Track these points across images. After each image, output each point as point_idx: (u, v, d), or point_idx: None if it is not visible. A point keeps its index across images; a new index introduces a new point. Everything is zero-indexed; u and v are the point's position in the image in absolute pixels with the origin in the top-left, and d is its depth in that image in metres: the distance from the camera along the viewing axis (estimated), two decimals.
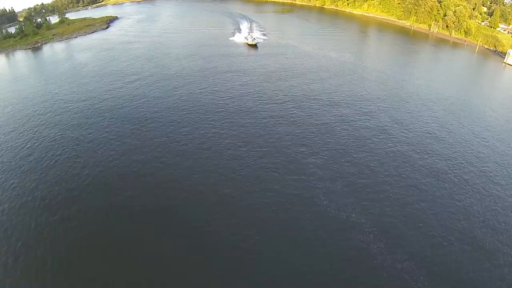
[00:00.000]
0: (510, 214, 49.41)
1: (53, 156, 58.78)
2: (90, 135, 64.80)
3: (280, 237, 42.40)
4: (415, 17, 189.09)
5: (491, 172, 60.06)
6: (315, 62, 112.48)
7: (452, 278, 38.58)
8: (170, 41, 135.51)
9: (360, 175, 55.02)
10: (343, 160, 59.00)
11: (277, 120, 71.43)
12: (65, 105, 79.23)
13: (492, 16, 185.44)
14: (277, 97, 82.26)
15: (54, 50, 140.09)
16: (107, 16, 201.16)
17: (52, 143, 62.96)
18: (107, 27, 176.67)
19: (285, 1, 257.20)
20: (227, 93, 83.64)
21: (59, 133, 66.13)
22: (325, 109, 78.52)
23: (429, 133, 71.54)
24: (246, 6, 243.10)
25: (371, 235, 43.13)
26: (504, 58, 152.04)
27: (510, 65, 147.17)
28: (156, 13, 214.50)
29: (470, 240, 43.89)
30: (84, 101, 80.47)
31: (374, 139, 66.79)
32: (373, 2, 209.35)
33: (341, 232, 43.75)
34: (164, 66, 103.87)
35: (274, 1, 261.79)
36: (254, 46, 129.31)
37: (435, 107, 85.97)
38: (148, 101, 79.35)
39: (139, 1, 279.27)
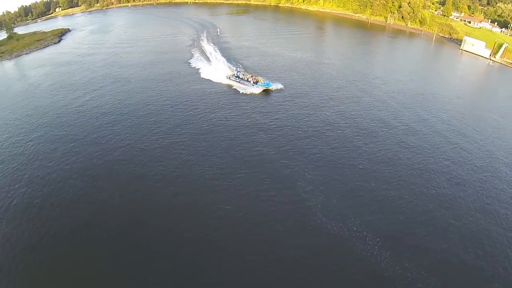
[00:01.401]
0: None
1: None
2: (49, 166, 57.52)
3: None
4: (371, 10, 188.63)
5: (469, 161, 60.59)
6: (281, 62, 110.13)
7: None
8: (127, 53, 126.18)
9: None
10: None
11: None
12: (20, 131, 70.39)
13: (445, 5, 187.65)
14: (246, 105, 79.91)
15: (3, 69, 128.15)
16: (58, 29, 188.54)
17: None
18: (59, 41, 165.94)
19: (239, 2, 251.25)
20: (193, 103, 79.70)
21: (16, 167, 57.77)
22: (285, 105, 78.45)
23: (395, 123, 72.65)
24: (200, 10, 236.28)
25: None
26: (461, 45, 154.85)
27: (467, 51, 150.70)
28: (109, 23, 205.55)
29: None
30: (42, 126, 72.01)
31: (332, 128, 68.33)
32: None
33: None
34: (123, 79, 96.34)
35: (228, 3, 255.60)
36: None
37: (399, 97, 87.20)
38: (111, 117, 73.22)
39: (90, 11, 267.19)
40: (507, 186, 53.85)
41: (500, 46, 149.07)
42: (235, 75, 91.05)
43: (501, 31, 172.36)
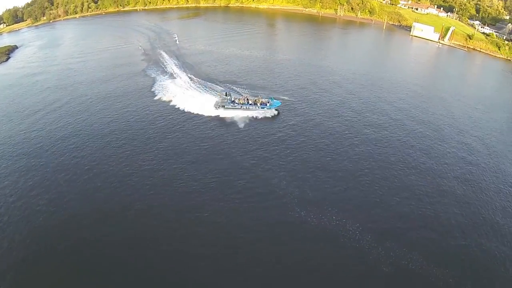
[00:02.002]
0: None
1: None
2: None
3: None
4: (320, 3, 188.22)
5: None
6: (238, 63, 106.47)
7: None
8: (80, 67, 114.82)
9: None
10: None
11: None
12: None
13: None
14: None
15: None
16: (5, 46, 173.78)
17: None
18: (7, 59, 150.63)
19: (189, 6, 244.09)
20: (157, 115, 73.65)
21: None
22: None
23: (352, 111, 74.73)
24: (150, 16, 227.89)
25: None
26: (410, 31, 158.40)
27: (416, 36, 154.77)
28: (59, 37, 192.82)
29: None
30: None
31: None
32: None
33: None
34: (79, 96, 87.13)
35: (178, 7, 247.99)
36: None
37: (350, 86, 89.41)
38: (69, 137, 66.32)
39: (37, 26, 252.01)
40: (456, 150, 62.59)
41: (447, 29, 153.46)
42: (230, 101, 72.36)
43: (447, 15, 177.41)
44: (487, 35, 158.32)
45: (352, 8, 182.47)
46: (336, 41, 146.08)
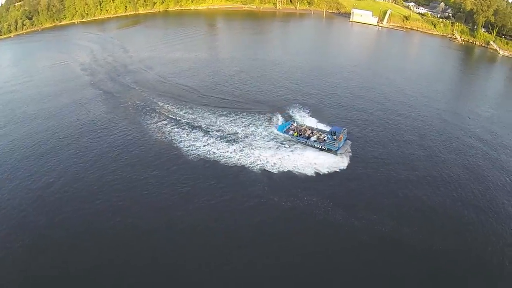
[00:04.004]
0: None
1: None
2: None
3: None
4: None
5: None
6: (185, 66, 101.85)
7: None
8: (23, 88, 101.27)
9: None
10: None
11: None
12: None
13: None
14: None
15: None
16: None
17: None
18: None
19: (128, 14, 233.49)
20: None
21: None
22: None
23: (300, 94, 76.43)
24: (89, 28, 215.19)
25: None
26: (350, 17, 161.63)
27: (356, 22, 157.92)
28: None
29: None
30: None
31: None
32: None
33: None
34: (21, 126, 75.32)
35: (117, 16, 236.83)
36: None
37: (305, 73, 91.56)
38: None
39: None
40: (411, 121, 68.44)
41: (385, 13, 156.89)
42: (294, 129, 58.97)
43: None
44: (423, 15, 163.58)
45: (290, 1, 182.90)
46: (278, 34, 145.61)
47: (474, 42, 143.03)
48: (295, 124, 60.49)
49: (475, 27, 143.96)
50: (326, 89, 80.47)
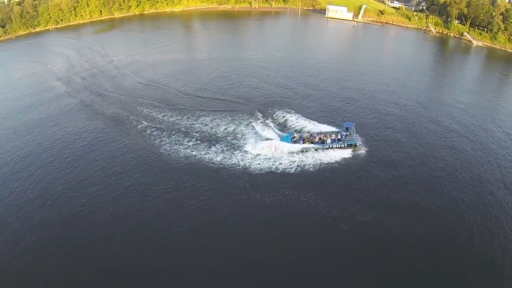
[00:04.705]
0: None
1: None
2: None
3: None
4: None
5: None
6: (164, 68, 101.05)
7: None
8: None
9: None
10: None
11: None
12: None
13: None
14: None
15: None
16: None
17: None
18: None
19: (103, 18, 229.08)
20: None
21: None
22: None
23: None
24: (65, 34, 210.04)
25: None
26: (325, 13, 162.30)
27: (332, 18, 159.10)
28: None
29: None
30: None
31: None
32: None
33: None
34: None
35: (92, 22, 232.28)
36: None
37: (284, 69, 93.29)
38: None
39: None
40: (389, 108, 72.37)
41: (360, 8, 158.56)
42: (299, 138, 56.82)
43: None
44: (397, 8, 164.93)
45: None
46: (254, 33, 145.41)
47: (448, 34, 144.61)
48: (295, 135, 57.65)
49: (449, 19, 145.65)
50: (304, 85, 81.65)
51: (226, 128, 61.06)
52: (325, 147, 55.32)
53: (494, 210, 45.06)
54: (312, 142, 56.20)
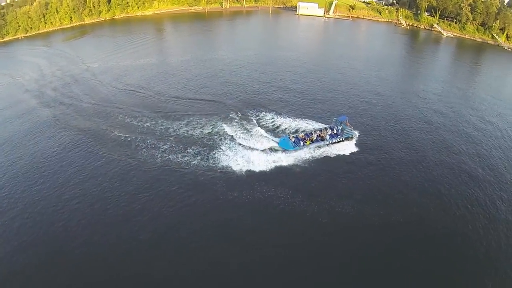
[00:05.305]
0: None
1: None
2: None
3: None
4: None
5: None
6: (137, 73, 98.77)
7: None
8: None
9: None
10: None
11: None
12: None
13: None
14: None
15: None
16: None
17: None
18: None
19: (74, 25, 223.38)
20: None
21: None
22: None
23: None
24: (34, 43, 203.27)
25: None
26: (296, 11, 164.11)
27: (302, 14, 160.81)
28: None
29: None
30: None
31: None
32: None
33: None
34: None
35: (62, 29, 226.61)
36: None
37: (256, 68, 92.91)
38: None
39: None
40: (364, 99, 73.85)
41: (330, 3, 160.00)
42: (297, 139, 55.44)
43: None
44: (368, 3, 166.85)
45: None
46: (226, 33, 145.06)
47: (419, 26, 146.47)
48: (292, 137, 56.00)
49: (419, 12, 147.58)
50: (279, 84, 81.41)
51: (202, 131, 60.06)
52: (326, 143, 55.33)
53: (473, 192, 47.20)
54: (312, 141, 55.45)
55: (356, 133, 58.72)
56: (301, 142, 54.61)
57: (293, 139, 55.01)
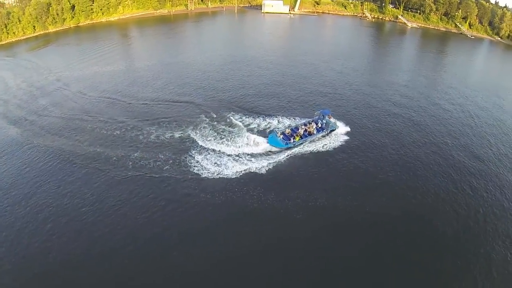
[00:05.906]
0: None
1: None
2: None
3: None
4: (170, 2, 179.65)
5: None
6: (103, 80, 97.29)
7: None
8: None
9: None
10: None
11: None
12: None
13: None
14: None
15: None
16: None
17: None
18: None
19: (37, 34, 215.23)
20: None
21: None
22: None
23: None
24: None
25: None
26: (262, 9, 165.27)
27: (268, 12, 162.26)
28: None
29: None
30: None
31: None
32: (126, 2, 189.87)
33: None
34: None
35: (26, 39, 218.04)
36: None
37: (223, 68, 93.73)
38: None
39: None
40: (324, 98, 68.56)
41: (295, 0, 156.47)
42: (289, 136, 55.22)
43: None
44: None
45: (202, 0, 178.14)
46: (192, 35, 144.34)
47: (384, 18, 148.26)
48: (279, 134, 55.74)
49: (383, 4, 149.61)
50: (248, 83, 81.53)
51: (172, 135, 59.46)
52: (313, 138, 55.83)
53: (447, 176, 49.64)
54: (300, 137, 55.48)
55: (338, 125, 59.90)
56: (291, 139, 54.35)
57: (281, 136, 54.81)
